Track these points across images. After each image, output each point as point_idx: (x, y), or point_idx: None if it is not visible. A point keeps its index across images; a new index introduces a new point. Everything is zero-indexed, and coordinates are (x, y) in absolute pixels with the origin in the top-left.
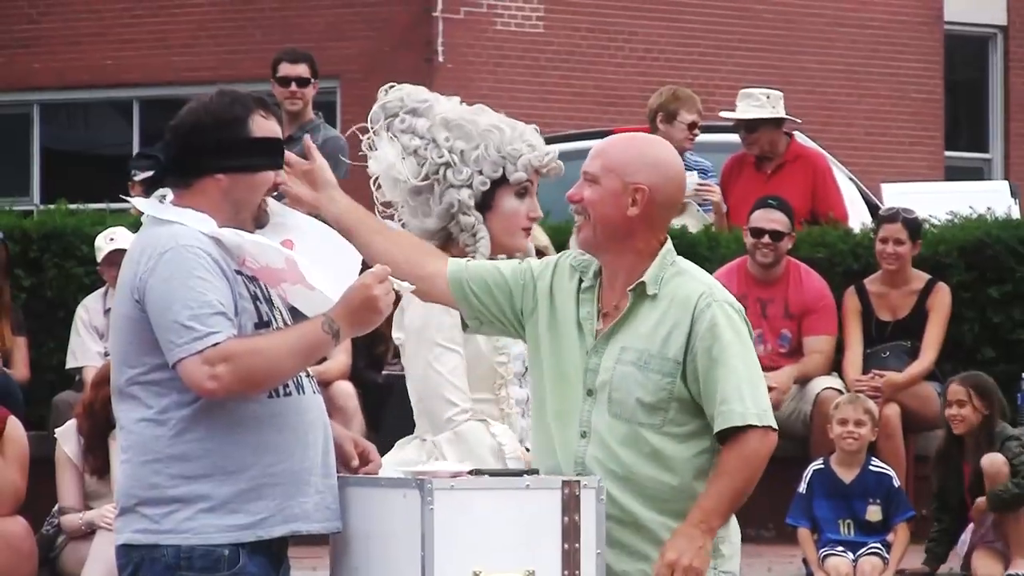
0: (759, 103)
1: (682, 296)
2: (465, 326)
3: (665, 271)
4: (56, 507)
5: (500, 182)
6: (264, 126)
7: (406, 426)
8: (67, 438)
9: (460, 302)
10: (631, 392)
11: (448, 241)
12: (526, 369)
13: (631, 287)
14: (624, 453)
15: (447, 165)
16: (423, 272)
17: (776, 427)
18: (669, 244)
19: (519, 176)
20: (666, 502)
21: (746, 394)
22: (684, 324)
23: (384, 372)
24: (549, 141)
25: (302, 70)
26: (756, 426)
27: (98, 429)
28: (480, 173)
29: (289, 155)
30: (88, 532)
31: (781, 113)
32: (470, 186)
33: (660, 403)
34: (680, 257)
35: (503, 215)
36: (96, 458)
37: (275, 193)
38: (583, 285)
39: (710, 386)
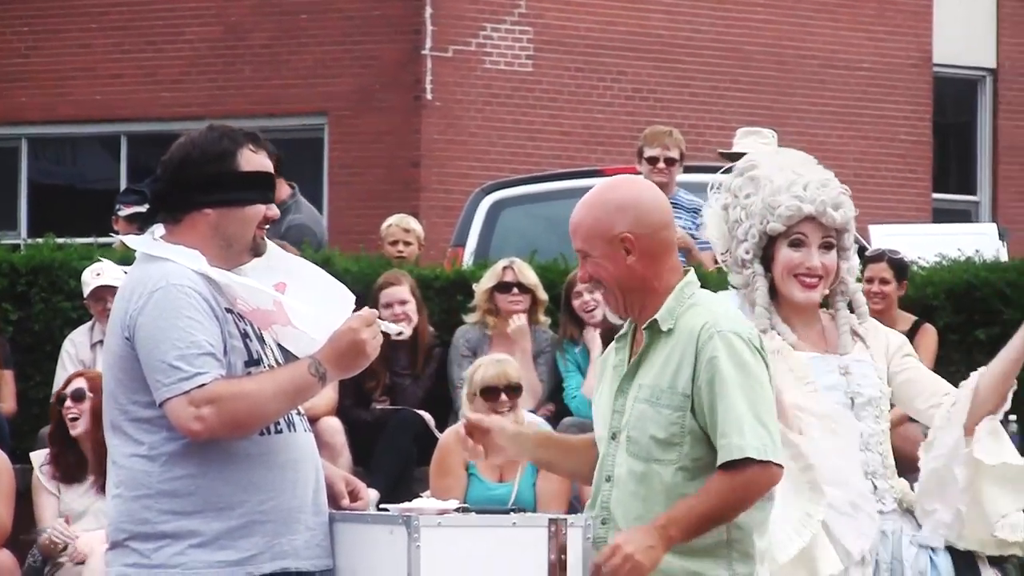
0: (766, 140)
1: (688, 328)
2: None
3: (681, 305)
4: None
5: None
6: (253, 160)
7: (399, 461)
8: (39, 459)
9: None
10: (645, 429)
11: None
12: (851, 400)
13: (645, 325)
14: (642, 492)
15: (737, 222)
16: None
17: (780, 462)
18: (690, 277)
19: (774, 227)
20: None
21: (746, 427)
22: (690, 357)
23: (377, 407)
24: (535, 180)
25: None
26: (755, 460)
27: (60, 431)
28: (758, 225)
29: (468, 426)
30: (60, 548)
31: None
32: (746, 240)
33: (673, 438)
34: (702, 290)
35: (777, 266)
36: (60, 464)
37: (267, 227)
38: (618, 335)
39: (713, 419)
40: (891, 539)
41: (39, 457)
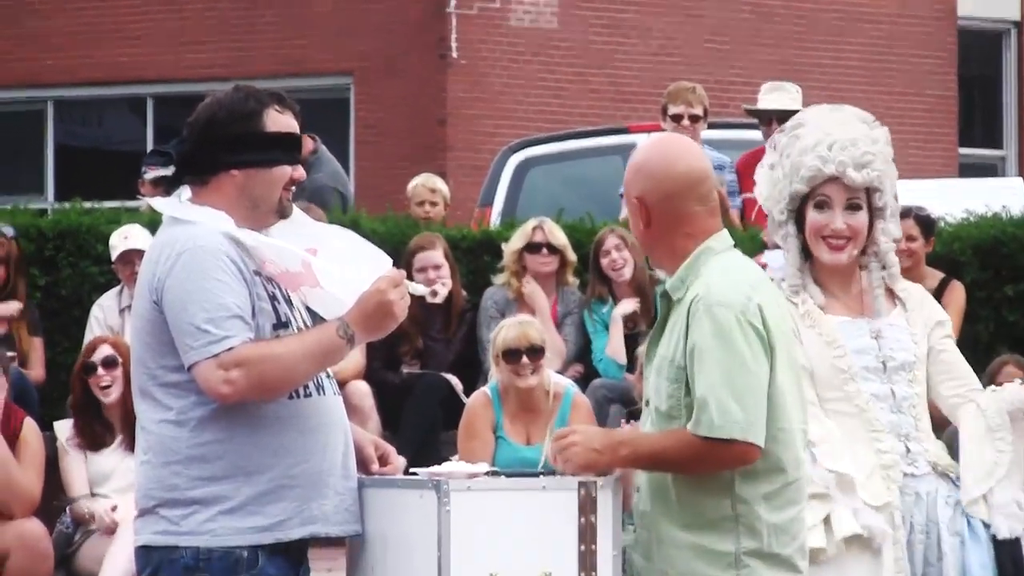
0: (791, 96)
1: (687, 300)
2: None
3: (693, 273)
4: (67, 503)
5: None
6: (279, 120)
7: (425, 425)
8: (63, 429)
9: None
10: (654, 401)
11: None
12: (883, 364)
13: (660, 294)
14: None
15: (776, 181)
16: None
17: (752, 440)
18: (709, 243)
19: (798, 188)
20: (683, 513)
21: (712, 403)
22: (683, 329)
23: (405, 371)
24: (562, 139)
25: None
26: (715, 439)
27: (85, 399)
28: (788, 185)
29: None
30: (91, 517)
31: None
32: (781, 200)
33: (672, 411)
34: (721, 255)
35: (807, 227)
36: (85, 434)
37: (293, 188)
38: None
39: (693, 392)
40: (925, 501)
41: (64, 428)
